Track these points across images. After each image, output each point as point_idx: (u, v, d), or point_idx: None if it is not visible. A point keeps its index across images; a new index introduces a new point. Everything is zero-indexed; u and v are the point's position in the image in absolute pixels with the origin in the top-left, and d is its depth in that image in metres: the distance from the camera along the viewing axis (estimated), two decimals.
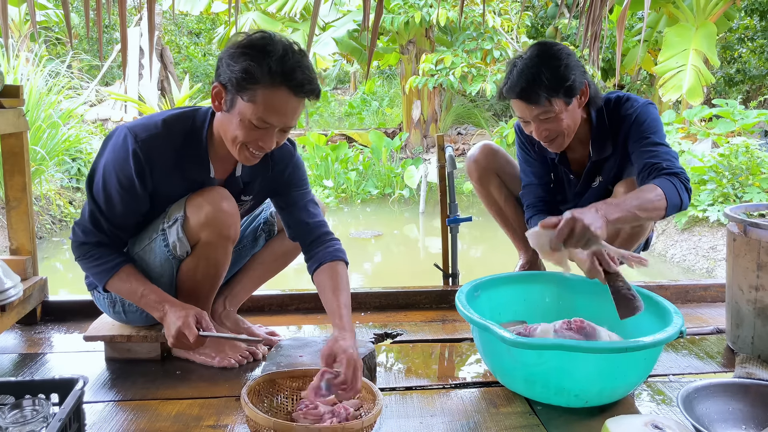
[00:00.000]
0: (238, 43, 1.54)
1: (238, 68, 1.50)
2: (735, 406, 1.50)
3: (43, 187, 6.28)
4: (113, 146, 1.65)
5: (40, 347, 2.05)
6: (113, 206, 1.66)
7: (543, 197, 2.19)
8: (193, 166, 1.69)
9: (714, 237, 5.55)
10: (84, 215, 1.70)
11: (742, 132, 6.91)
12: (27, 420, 1.25)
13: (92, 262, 1.71)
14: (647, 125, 1.93)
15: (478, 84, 8.85)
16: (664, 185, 1.72)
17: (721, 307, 2.24)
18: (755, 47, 11.08)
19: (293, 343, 1.88)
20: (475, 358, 1.97)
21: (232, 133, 1.58)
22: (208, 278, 1.79)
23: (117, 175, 1.63)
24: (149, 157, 1.62)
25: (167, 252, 1.73)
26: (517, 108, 1.91)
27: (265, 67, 1.49)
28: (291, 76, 1.51)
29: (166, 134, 1.64)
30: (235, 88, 1.52)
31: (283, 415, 1.51)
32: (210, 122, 1.69)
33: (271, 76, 1.50)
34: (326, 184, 8.45)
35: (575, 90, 1.87)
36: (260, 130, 1.56)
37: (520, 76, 1.85)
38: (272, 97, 1.52)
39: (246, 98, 1.52)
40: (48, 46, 10.98)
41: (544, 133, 1.91)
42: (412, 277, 5.29)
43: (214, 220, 1.68)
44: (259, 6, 10.41)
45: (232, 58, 1.52)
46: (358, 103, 14.44)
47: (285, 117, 1.55)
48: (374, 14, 2.14)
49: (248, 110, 1.53)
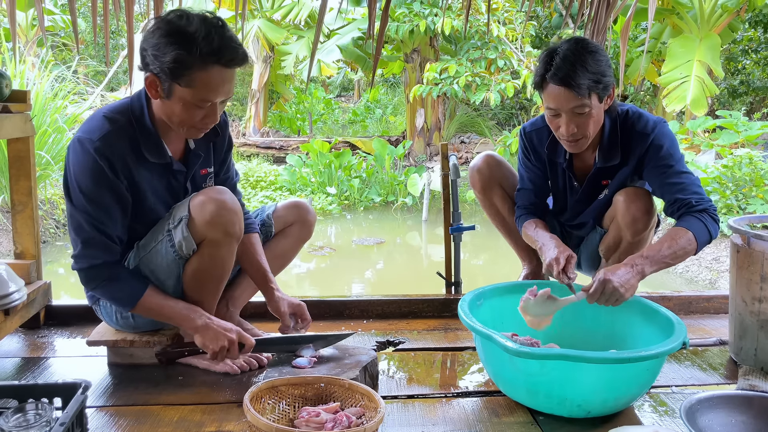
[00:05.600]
0: (159, 31, 1.57)
1: (168, 59, 1.55)
2: (738, 418, 1.49)
3: (48, 191, 6.30)
4: (75, 159, 1.66)
5: (43, 351, 2.05)
6: (109, 210, 1.67)
7: (535, 202, 2.20)
8: (151, 153, 1.72)
9: (717, 248, 5.54)
10: (83, 236, 1.67)
11: (745, 143, 6.91)
12: (30, 424, 1.25)
13: (113, 287, 1.71)
14: (667, 151, 1.94)
15: (482, 93, 8.87)
16: (695, 227, 1.81)
17: (724, 319, 2.24)
18: (759, 59, 11.08)
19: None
20: (478, 367, 1.97)
21: (178, 117, 1.64)
22: (213, 277, 1.80)
23: (95, 180, 1.64)
24: (112, 153, 1.65)
25: (173, 253, 1.74)
26: (554, 97, 1.86)
27: (195, 51, 1.54)
28: (221, 54, 1.57)
29: (115, 129, 1.67)
30: (169, 77, 1.57)
31: (285, 422, 1.51)
32: (147, 107, 1.71)
33: (202, 59, 1.55)
34: (329, 191, 8.46)
35: (609, 88, 1.88)
36: (203, 109, 1.63)
37: (565, 61, 1.82)
38: (208, 77, 1.58)
39: (183, 84, 1.58)
40: (54, 51, 11.04)
41: (572, 129, 1.88)
42: (414, 285, 5.28)
43: (219, 218, 1.71)
44: (265, 13, 10.46)
45: (157, 48, 1.56)
46: (361, 110, 14.47)
47: (223, 91, 1.62)
48: (380, 23, 2.15)
49: (188, 94, 1.59)
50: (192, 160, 1.82)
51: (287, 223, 2.09)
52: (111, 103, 1.78)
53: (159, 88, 1.61)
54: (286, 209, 2.10)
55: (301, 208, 2.12)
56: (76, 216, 1.67)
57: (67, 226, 6.44)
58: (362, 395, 1.52)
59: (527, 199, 2.20)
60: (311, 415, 1.45)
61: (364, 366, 1.76)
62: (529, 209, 2.19)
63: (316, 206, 8.13)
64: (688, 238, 1.79)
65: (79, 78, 8.58)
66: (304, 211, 2.11)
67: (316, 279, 5.73)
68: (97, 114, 1.71)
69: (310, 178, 8.78)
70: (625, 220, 2.03)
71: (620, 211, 2.03)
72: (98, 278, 1.70)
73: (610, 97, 1.92)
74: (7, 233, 5.70)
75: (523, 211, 2.20)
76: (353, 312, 2.40)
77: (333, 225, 7.76)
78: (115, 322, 1.87)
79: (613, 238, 2.13)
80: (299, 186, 8.71)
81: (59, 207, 6.47)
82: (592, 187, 2.13)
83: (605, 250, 2.18)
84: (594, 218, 2.20)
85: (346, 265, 6.09)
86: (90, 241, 1.68)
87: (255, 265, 1.91)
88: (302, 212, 2.11)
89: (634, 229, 2.03)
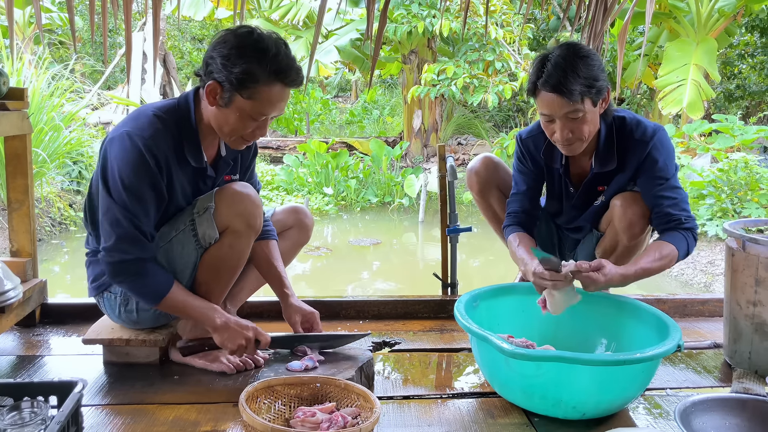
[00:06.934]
0: (229, 43, 1.64)
1: (239, 70, 1.61)
2: (732, 421, 1.50)
3: (44, 189, 6.28)
4: (121, 153, 1.67)
5: (38, 350, 2.05)
6: (147, 206, 1.70)
7: (528, 209, 2.17)
8: (191, 155, 1.76)
9: (712, 252, 5.56)
10: (119, 231, 1.68)
11: (741, 147, 6.94)
12: (25, 422, 1.25)
13: (141, 282, 1.72)
14: (663, 163, 1.97)
15: (479, 95, 8.88)
16: (679, 244, 1.90)
17: (718, 322, 2.25)
18: (755, 63, 11.12)
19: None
20: (473, 368, 1.97)
21: (230, 126, 1.70)
22: (228, 269, 1.84)
23: (138, 174, 1.67)
24: (159, 151, 1.69)
25: (195, 242, 1.78)
26: (547, 103, 1.87)
27: (265, 67, 1.62)
28: (287, 74, 1.66)
29: (164, 127, 1.71)
30: (234, 87, 1.63)
31: (281, 422, 1.51)
32: (195, 111, 1.76)
33: (268, 75, 1.63)
34: (326, 192, 8.46)
35: (602, 92, 1.89)
36: (256, 121, 1.69)
37: (556, 68, 1.83)
38: (270, 93, 1.65)
39: (245, 96, 1.64)
40: (51, 49, 11.01)
41: (566, 134, 1.89)
42: (410, 286, 5.29)
43: (244, 209, 1.78)
44: (263, 13, 10.46)
45: (228, 59, 1.62)
46: (359, 111, 14.47)
47: (279, 108, 1.71)
48: (378, 24, 2.16)
49: (248, 106, 1.66)
50: (222, 166, 1.87)
51: (285, 226, 2.10)
52: (157, 102, 1.82)
53: (219, 96, 1.66)
54: (285, 213, 2.12)
55: (300, 213, 2.14)
56: (114, 209, 1.68)
57: (68, 221, 6.44)
58: (358, 395, 1.53)
59: (519, 205, 2.17)
60: (307, 415, 1.45)
61: (360, 366, 1.77)
62: (519, 218, 2.15)
63: (312, 206, 8.13)
64: (674, 255, 1.88)
65: (76, 76, 8.56)
66: (302, 215, 2.14)
67: (313, 279, 5.72)
68: (146, 111, 1.74)
69: (306, 178, 8.78)
70: (621, 224, 2.03)
71: (617, 215, 2.04)
72: (127, 272, 1.71)
73: (605, 101, 1.93)
74: (3, 231, 5.68)
75: (513, 220, 2.16)
76: (349, 312, 2.40)
77: (329, 225, 7.76)
78: (118, 316, 1.88)
79: (610, 242, 2.14)
80: (296, 186, 8.71)
81: (55, 205, 6.46)
82: (589, 193, 2.14)
83: (602, 253, 2.19)
84: (590, 222, 2.21)
85: (342, 265, 6.09)
86: (124, 236, 1.69)
87: (272, 271, 1.96)
88: (300, 216, 2.13)
89: (630, 233, 2.04)
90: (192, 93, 1.77)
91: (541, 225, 2.32)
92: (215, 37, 1.68)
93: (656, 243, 1.92)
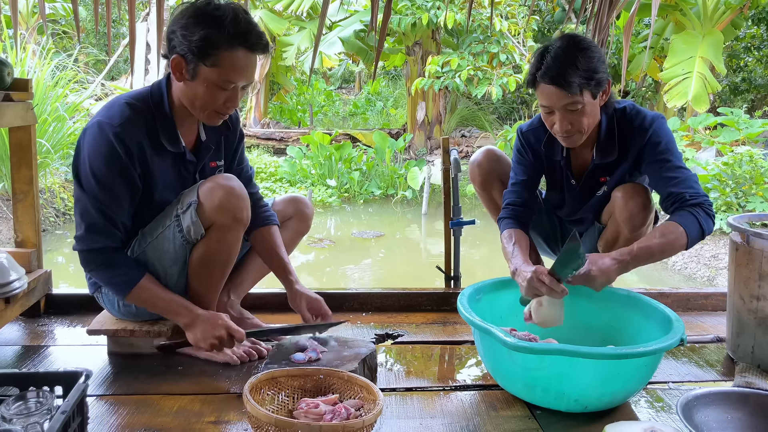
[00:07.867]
0: (187, 13, 1.64)
1: (197, 37, 1.60)
2: (734, 415, 1.50)
3: (48, 180, 6.30)
4: (91, 142, 1.68)
5: (43, 340, 2.06)
6: (118, 196, 1.69)
7: (525, 200, 2.14)
8: (167, 140, 1.75)
9: (716, 246, 5.55)
10: (87, 220, 1.69)
11: (746, 141, 6.91)
12: (31, 412, 1.25)
13: (110, 272, 1.73)
14: (665, 146, 1.94)
15: (483, 87, 8.86)
16: (686, 221, 1.79)
17: (721, 316, 2.25)
18: (761, 56, 11.05)
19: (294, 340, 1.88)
20: (476, 361, 1.98)
21: (201, 100, 1.68)
22: (219, 263, 1.83)
23: (108, 164, 1.66)
24: (131, 140, 1.68)
25: (181, 238, 1.76)
26: (546, 95, 1.87)
27: (223, 31, 1.61)
28: (247, 37, 1.64)
29: (136, 116, 1.70)
30: (196, 57, 1.62)
31: (284, 413, 1.52)
32: (168, 95, 1.75)
33: (228, 39, 1.62)
34: (329, 184, 8.45)
35: (602, 84, 1.88)
36: (226, 91, 1.67)
37: (555, 60, 1.82)
38: (233, 58, 1.63)
39: (209, 63, 1.62)
40: (55, 39, 11.00)
41: (566, 126, 1.89)
42: (413, 279, 5.30)
43: (228, 203, 1.74)
44: (266, 4, 10.42)
45: (186, 29, 1.62)
46: (362, 103, 14.45)
47: (247, 74, 1.68)
48: (382, 15, 2.15)
49: (213, 75, 1.64)
50: (202, 151, 1.85)
51: (285, 216, 2.10)
52: (131, 91, 1.81)
53: (184, 69, 1.65)
54: (285, 203, 2.12)
55: (299, 202, 2.13)
56: (84, 199, 1.69)
57: (72, 211, 6.48)
58: (361, 387, 1.53)
59: (517, 196, 2.14)
60: (310, 407, 1.46)
61: (363, 358, 1.77)
62: (516, 210, 2.12)
63: (315, 198, 8.13)
64: (679, 233, 1.77)
65: (80, 66, 8.56)
66: (302, 205, 2.13)
67: (316, 271, 5.74)
68: (118, 100, 1.73)
69: (310, 170, 8.78)
70: (623, 216, 2.03)
71: (618, 207, 2.04)
72: (96, 262, 1.72)
73: (605, 93, 1.92)
74: (8, 222, 5.70)
75: (509, 213, 2.13)
76: (352, 304, 2.40)
77: (333, 217, 7.77)
78: (117, 310, 1.88)
79: (612, 234, 2.14)
80: (299, 178, 8.71)
81: (59, 196, 6.47)
82: (590, 184, 2.13)
83: (604, 245, 2.18)
84: (593, 214, 2.20)
85: (345, 257, 6.10)
86: (93, 226, 1.69)
87: (275, 257, 1.94)
88: (300, 206, 2.13)
89: (631, 225, 2.03)
90: (165, 78, 1.76)
91: (543, 218, 2.31)
92: (174, 11, 1.68)
93: (661, 224, 1.87)
